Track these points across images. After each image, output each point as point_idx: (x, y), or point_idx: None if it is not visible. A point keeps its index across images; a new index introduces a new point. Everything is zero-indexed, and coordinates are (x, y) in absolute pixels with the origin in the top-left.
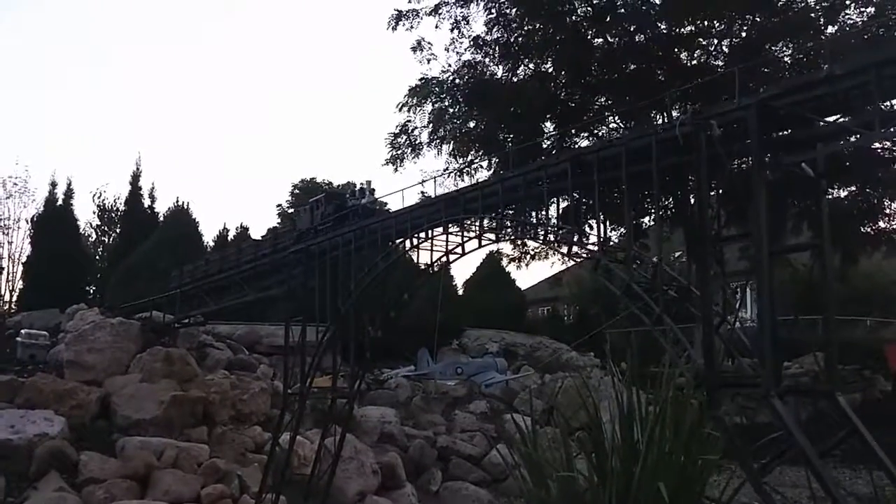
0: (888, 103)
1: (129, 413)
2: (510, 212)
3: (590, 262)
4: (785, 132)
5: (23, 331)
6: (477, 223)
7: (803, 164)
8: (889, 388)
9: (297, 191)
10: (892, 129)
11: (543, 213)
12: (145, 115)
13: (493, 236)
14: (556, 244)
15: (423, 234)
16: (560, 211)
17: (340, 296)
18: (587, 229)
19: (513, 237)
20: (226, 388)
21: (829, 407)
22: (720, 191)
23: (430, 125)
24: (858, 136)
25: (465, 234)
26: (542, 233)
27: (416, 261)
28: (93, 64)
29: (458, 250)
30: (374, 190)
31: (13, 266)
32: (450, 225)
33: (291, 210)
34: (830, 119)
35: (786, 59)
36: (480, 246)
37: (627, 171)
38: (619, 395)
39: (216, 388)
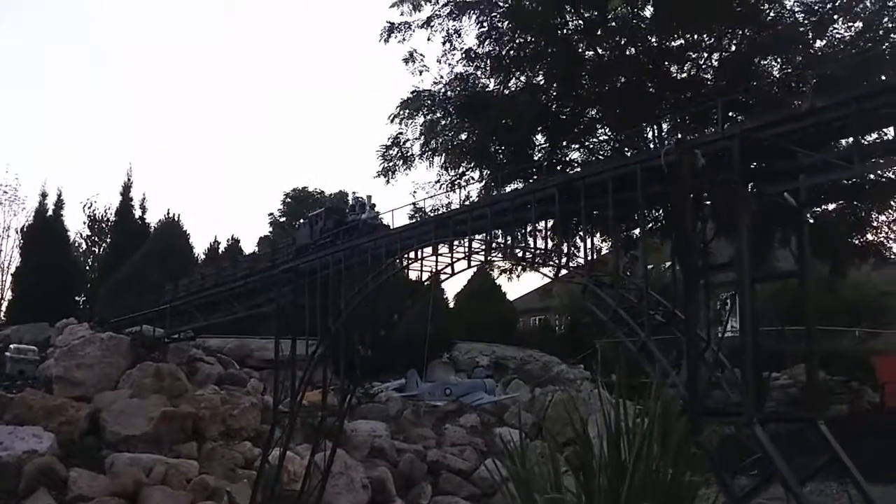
0: (866, 137)
1: (119, 429)
2: (498, 232)
3: (578, 278)
4: (767, 163)
5: (12, 346)
6: (466, 243)
7: (785, 193)
8: (876, 399)
9: (289, 200)
10: (870, 163)
11: (530, 233)
12: (135, 124)
13: (481, 257)
14: (541, 265)
15: (412, 254)
16: (548, 228)
17: (331, 315)
18: (575, 245)
19: (501, 258)
20: (216, 403)
21: (812, 433)
22: (703, 220)
23: (422, 137)
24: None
25: (454, 254)
26: (530, 255)
27: (406, 277)
28: (83, 73)
29: (448, 270)
30: (374, 205)
31: (2, 275)
32: (439, 245)
33: (283, 219)
34: (812, 151)
35: (774, 72)
36: (469, 266)
37: (613, 197)
38: (606, 411)
39: (206, 403)
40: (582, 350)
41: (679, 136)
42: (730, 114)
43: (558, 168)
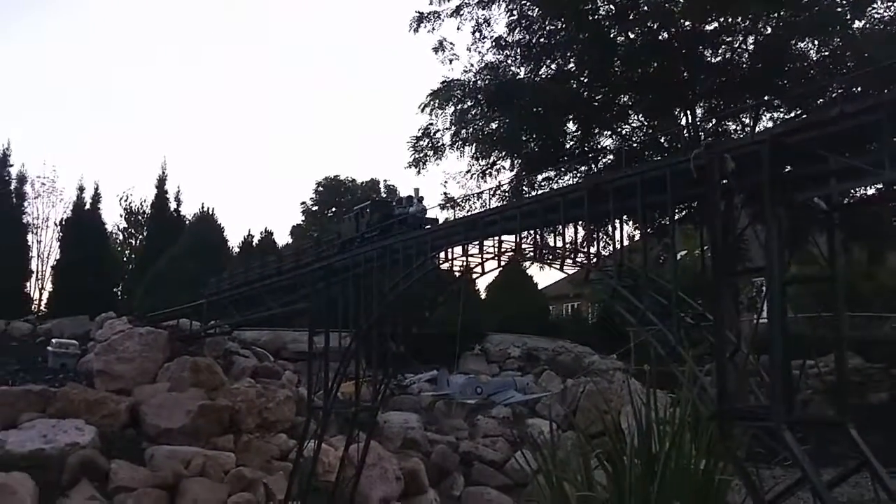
0: None
1: (158, 422)
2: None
3: (605, 282)
4: (797, 167)
5: (53, 340)
6: (496, 243)
7: (816, 198)
8: None
9: (320, 188)
10: None
11: (559, 234)
12: (168, 118)
13: (510, 255)
14: (570, 262)
15: (443, 254)
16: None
17: (363, 312)
18: (606, 238)
19: (531, 259)
20: (252, 396)
21: (842, 439)
22: (734, 223)
23: (453, 127)
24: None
25: (484, 254)
26: (559, 253)
27: (438, 275)
28: (115, 68)
29: (479, 269)
30: (422, 198)
31: (42, 265)
32: (469, 245)
33: (315, 208)
34: (847, 154)
35: (811, 55)
36: (500, 266)
37: (643, 200)
38: (637, 405)
39: (242, 396)
40: (615, 338)
41: (707, 137)
42: (766, 97)
43: (590, 156)
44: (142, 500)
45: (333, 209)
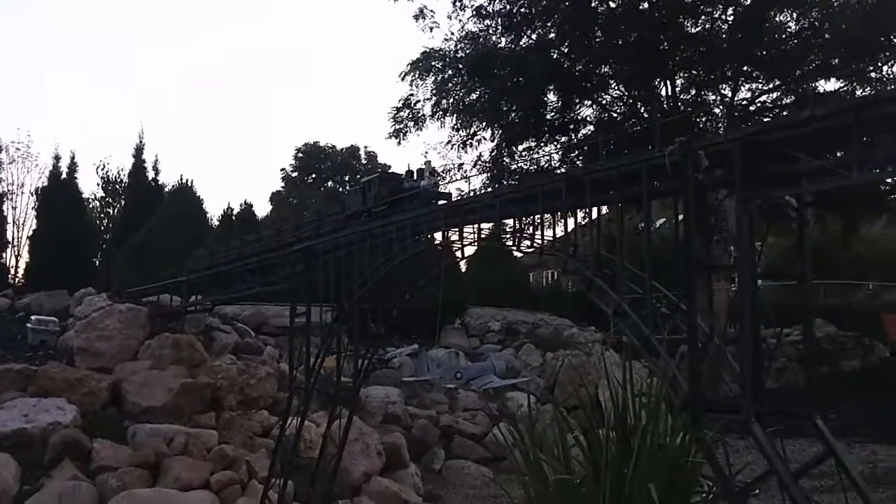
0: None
1: (139, 400)
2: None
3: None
4: (769, 166)
5: (33, 317)
6: (475, 228)
7: (787, 196)
8: (888, 354)
9: (300, 155)
10: (869, 172)
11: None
12: (144, 85)
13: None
14: (549, 253)
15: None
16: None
17: (343, 294)
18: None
19: (510, 244)
20: (233, 373)
21: (811, 428)
22: (708, 217)
23: (433, 98)
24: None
25: (463, 240)
26: (539, 247)
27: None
28: (89, 33)
29: (458, 254)
30: (434, 171)
31: (17, 232)
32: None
33: (295, 174)
34: (818, 155)
35: (790, 27)
36: (478, 248)
37: (620, 193)
38: (612, 385)
39: (224, 373)
40: (594, 309)
41: (687, 108)
42: (745, 68)
43: (570, 127)
44: (124, 478)
45: (313, 175)
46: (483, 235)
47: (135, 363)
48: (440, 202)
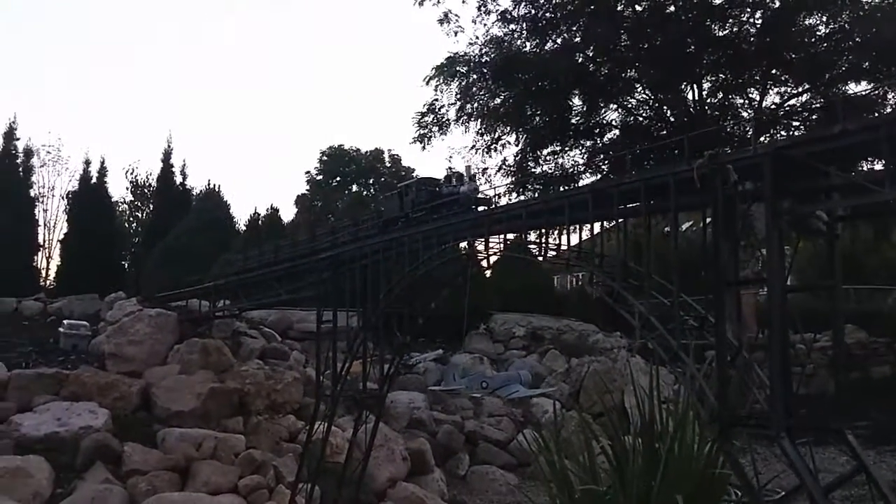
0: None
1: (169, 405)
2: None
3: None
4: (800, 181)
5: (65, 321)
6: (501, 239)
7: (818, 212)
8: None
9: (325, 158)
10: None
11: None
12: (172, 91)
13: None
14: (574, 264)
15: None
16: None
17: (369, 304)
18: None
19: (535, 255)
20: (260, 378)
21: (840, 442)
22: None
23: (458, 102)
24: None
25: (489, 251)
26: (565, 258)
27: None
28: (119, 40)
29: (484, 263)
30: (474, 176)
31: (49, 234)
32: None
33: (320, 177)
34: (849, 170)
35: (819, 30)
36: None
37: (647, 205)
38: (639, 397)
39: (251, 378)
40: (619, 314)
41: (714, 111)
42: (773, 71)
43: (595, 131)
44: (154, 482)
45: (337, 178)
46: (508, 243)
47: (164, 368)
48: (480, 208)
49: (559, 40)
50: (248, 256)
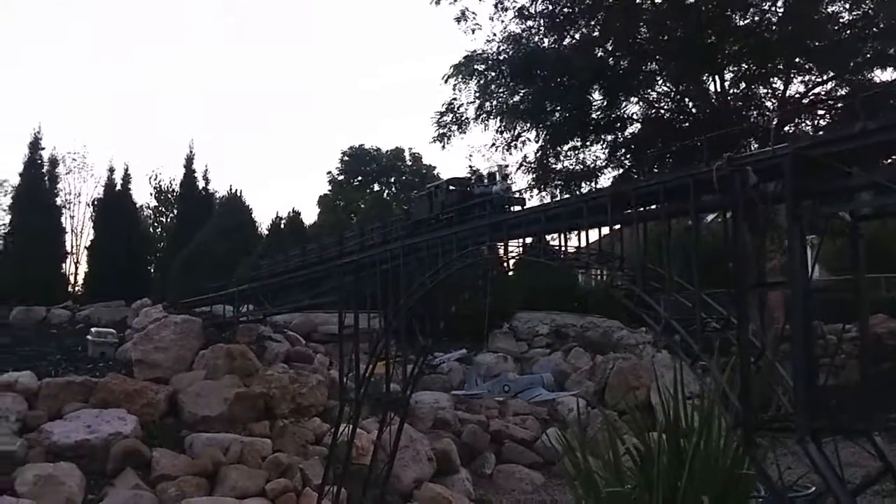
0: None
1: (196, 410)
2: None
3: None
4: (821, 181)
5: (93, 329)
6: (520, 243)
7: (840, 214)
8: None
9: (346, 158)
10: None
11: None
12: (192, 94)
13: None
14: (595, 267)
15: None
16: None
17: (391, 308)
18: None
19: (552, 258)
20: (285, 382)
21: (868, 444)
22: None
23: (476, 100)
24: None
25: (508, 254)
26: (584, 263)
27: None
28: (136, 48)
29: (504, 265)
30: (507, 175)
31: (76, 240)
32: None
33: (342, 177)
34: (869, 169)
35: (842, 18)
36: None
37: (666, 208)
38: (664, 398)
39: (276, 382)
40: (645, 308)
41: (737, 101)
42: (797, 59)
43: (617, 125)
44: (183, 487)
45: (359, 178)
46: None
47: (190, 373)
48: (514, 208)
49: (577, 36)
50: (276, 261)
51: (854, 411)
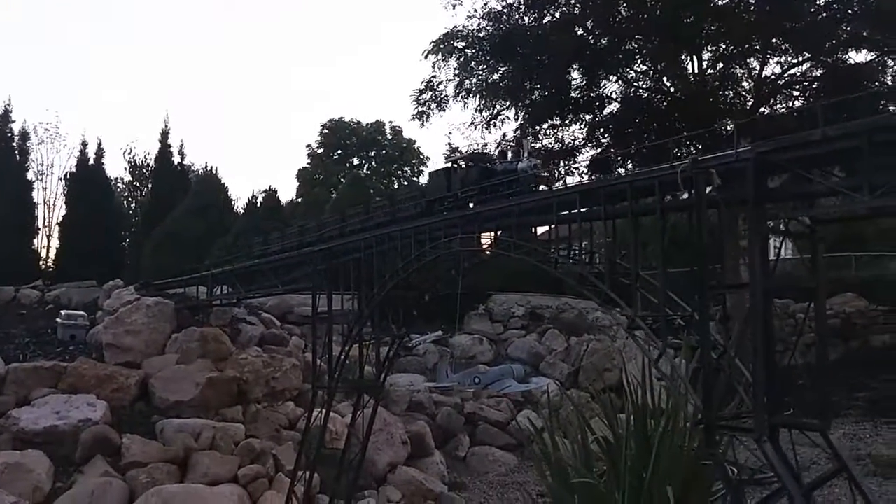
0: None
1: (167, 395)
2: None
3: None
4: (782, 185)
5: (63, 312)
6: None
7: (799, 218)
8: None
9: (325, 131)
10: (879, 197)
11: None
12: (168, 66)
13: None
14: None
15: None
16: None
17: (364, 295)
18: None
19: (522, 254)
20: (259, 366)
21: (823, 442)
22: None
23: (456, 78)
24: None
25: (480, 245)
26: (553, 259)
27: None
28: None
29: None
30: (533, 151)
31: (48, 212)
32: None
33: (321, 150)
34: (830, 174)
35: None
36: (494, 255)
37: (633, 207)
38: (633, 393)
39: (249, 367)
40: (619, 289)
41: (714, 81)
42: (773, 41)
43: (596, 104)
44: (154, 474)
45: (339, 151)
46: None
47: (162, 357)
48: (540, 188)
49: (557, 14)
50: (251, 246)
51: (810, 410)
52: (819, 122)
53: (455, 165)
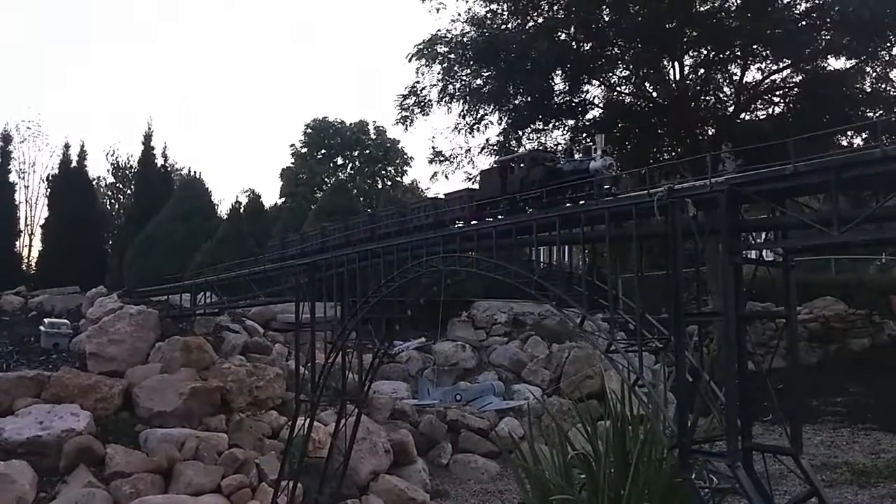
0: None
1: (151, 405)
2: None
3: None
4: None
5: (46, 320)
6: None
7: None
8: None
9: (309, 130)
10: (848, 231)
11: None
12: (150, 69)
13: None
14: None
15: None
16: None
17: (346, 312)
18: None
19: (502, 274)
20: (242, 375)
21: (796, 467)
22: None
23: (439, 83)
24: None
25: (459, 264)
26: (533, 279)
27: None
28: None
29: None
30: (607, 149)
31: (30, 212)
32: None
33: (304, 150)
34: (803, 206)
35: (798, 6)
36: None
37: (610, 232)
38: (613, 406)
39: (233, 376)
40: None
41: (696, 86)
42: (754, 47)
43: (578, 109)
44: (138, 485)
45: (322, 151)
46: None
47: (146, 367)
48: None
49: (541, 19)
50: (290, 241)
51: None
52: (790, 155)
53: (512, 164)
